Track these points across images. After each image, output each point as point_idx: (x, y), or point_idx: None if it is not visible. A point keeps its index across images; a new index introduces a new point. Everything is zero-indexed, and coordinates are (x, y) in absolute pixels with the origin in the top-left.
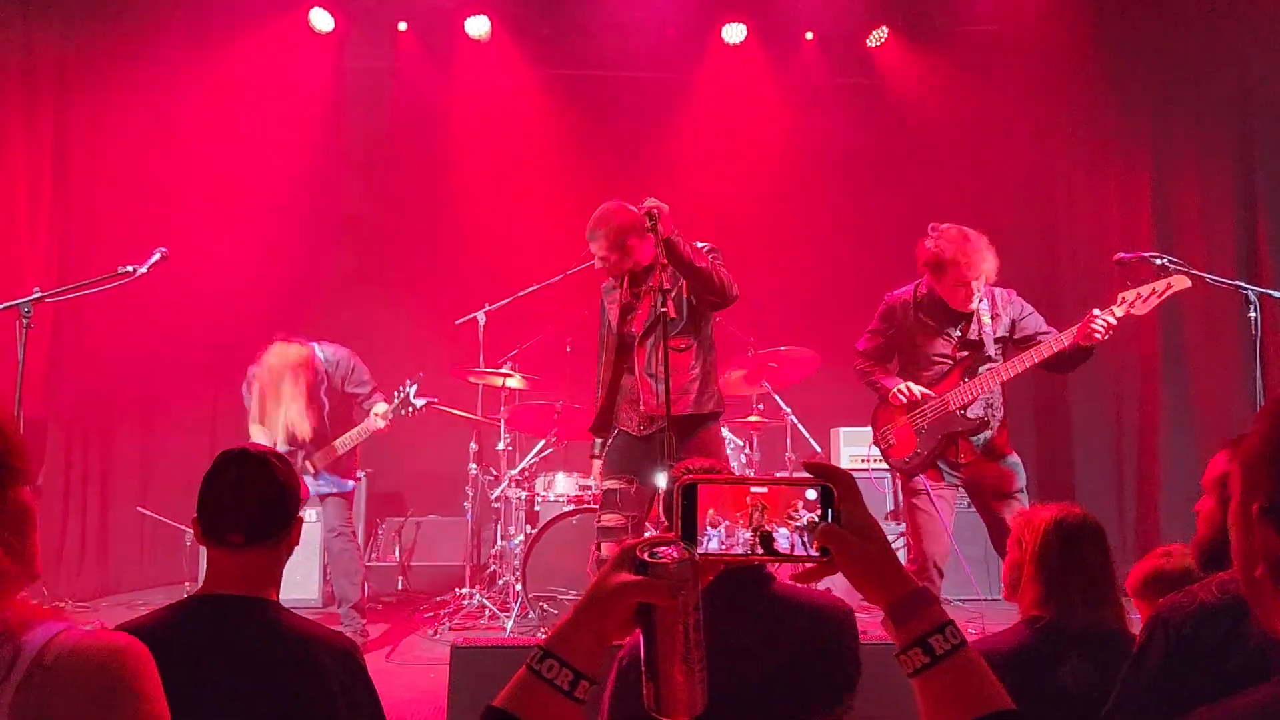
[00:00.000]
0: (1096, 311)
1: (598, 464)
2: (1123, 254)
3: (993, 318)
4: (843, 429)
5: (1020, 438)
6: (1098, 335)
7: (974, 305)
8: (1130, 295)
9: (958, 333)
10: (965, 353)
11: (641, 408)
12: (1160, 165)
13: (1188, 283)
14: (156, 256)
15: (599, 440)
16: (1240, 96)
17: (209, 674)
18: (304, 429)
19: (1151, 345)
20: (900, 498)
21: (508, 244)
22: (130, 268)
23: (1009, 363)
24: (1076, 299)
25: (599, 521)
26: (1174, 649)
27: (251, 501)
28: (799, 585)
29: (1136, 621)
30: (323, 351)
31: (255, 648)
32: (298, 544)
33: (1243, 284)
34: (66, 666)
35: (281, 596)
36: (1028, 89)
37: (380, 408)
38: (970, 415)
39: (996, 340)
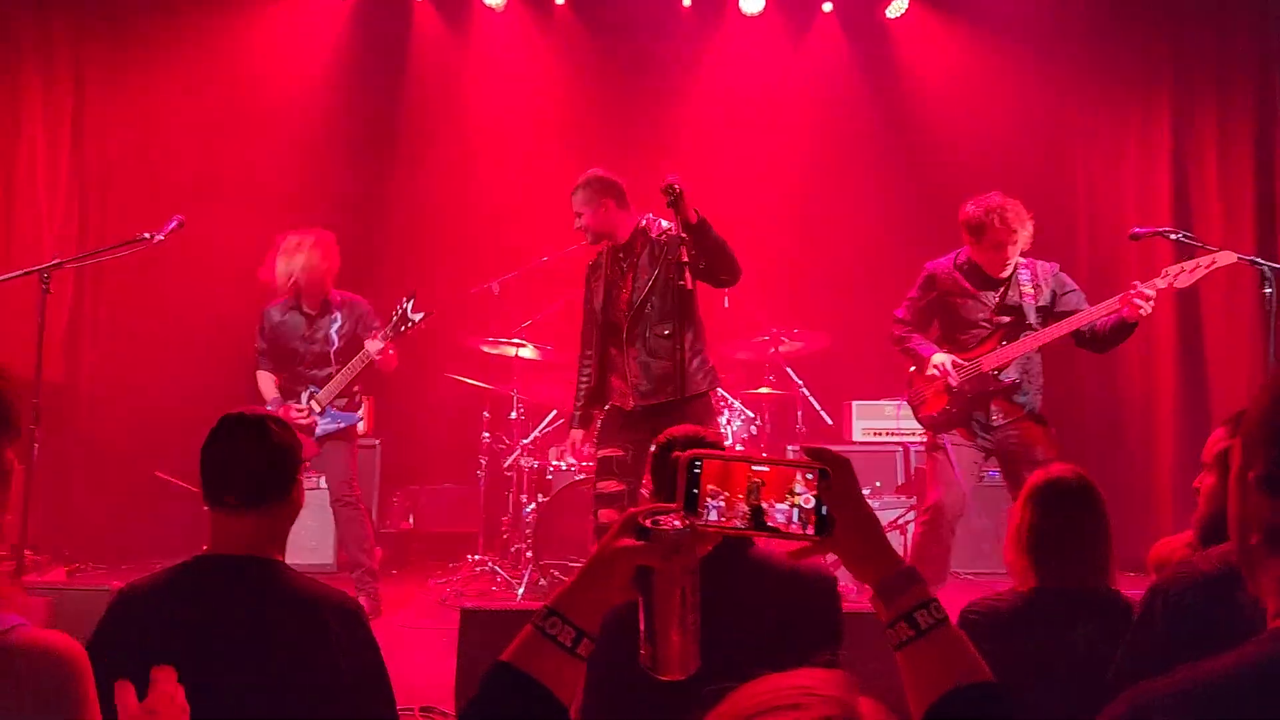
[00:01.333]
0: (1137, 283)
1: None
2: (1138, 229)
3: (1034, 288)
4: (856, 402)
5: None
6: (1140, 308)
7: (1007, 272)
8: (1174, 269)
9: (995, 298)
10: (1005, 318)
11: (631, 392)
12: (1180, 138)
13: (1233, 258)
14: (174, 224)
15: (577, 414)
16: (1260, 74)
17: (213, 632)
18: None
19: (1166, 320)
20: (913, 468)
21: (523, 213)
22: (147, 234)
23: (1046, 329)
24: (1093, 274)
25: (596, 489)
26: (1174, 619)
27: (246, 464)
28: (778, 552)
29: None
30: (340, 295)
31: (259, 606)
32: (302, 505)
33: (1258, 259)
34: (20, 662)
35: (296, 561)
36: (1048, 61)
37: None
38: (1004, 378)
39: (1038, 309)
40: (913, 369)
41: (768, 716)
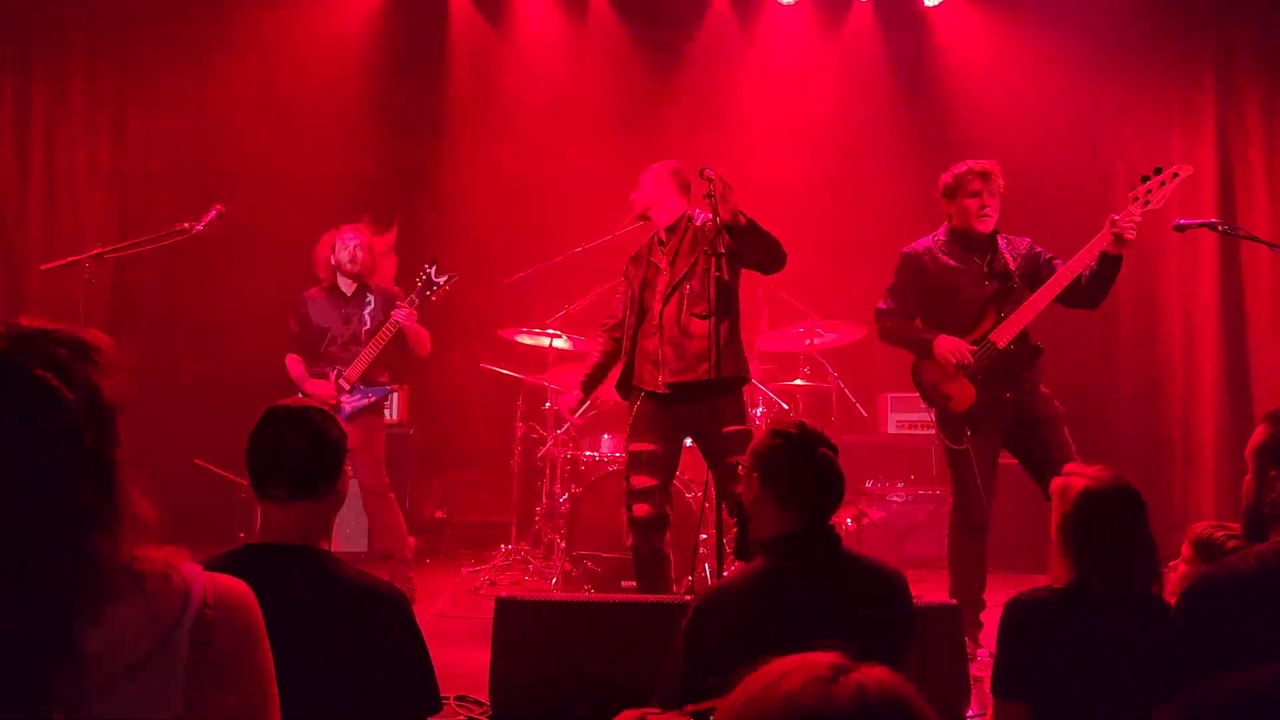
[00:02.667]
0: (1114, 218)
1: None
2: (1182, 220)
3: (1013, 256)
4: (891, 395)
5: (1067, 402)
6: (1128, 232)
7: (989, 226)
8: (1140, 191)
9: (983, 266)
10: (994, 285)
11: (660, 374)
12: (1224, 126)
13: (1191, 169)
14: (213, 214)
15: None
16: None
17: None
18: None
19: (1209, 312)
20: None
21: (557, 204)
22: (186, 225)
23: (1045, 288)
24: (1132, 265)
25: (628, 484)
26: (1210, 619)
27: (292, 455)
28: (864, 551)
29: None
30: (376, 283)
31: (304, 594)
32: (346, 495)
33: None
34: (226, 609)
35: (331, 549)
36: (1087, 47)
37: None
38: (1025, 348)
39: (1021, 276)
40: (916, 362)
41: (780, 670)
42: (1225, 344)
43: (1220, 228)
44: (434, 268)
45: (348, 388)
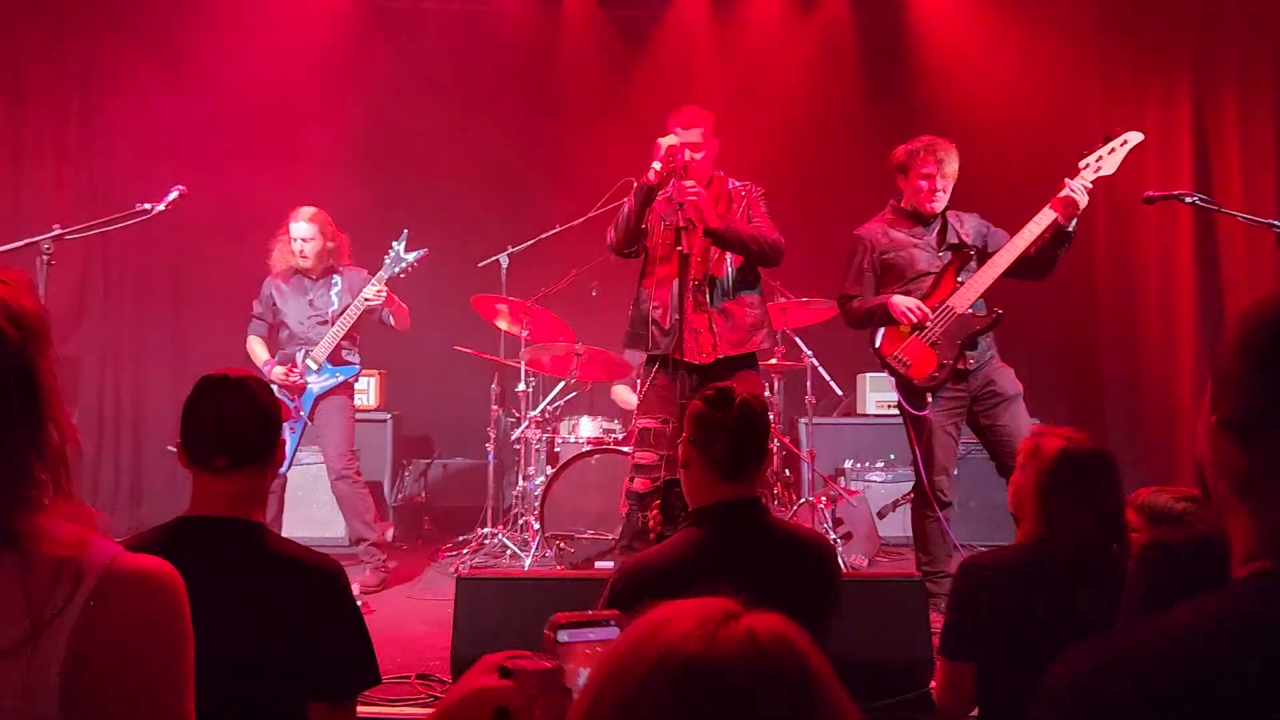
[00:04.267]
0: (1068, 180)
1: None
2: (1152, 192)
3: (964, 232)
4: (869, 375)
5: (1048, 386)
6: (1076, 197)
7: (939, 205)
8: (1092, 159)
9: (934, 240)
10: (948, 254)
11: (702, 345)
12: (1201, 104)
13: (1140, 136)
14: (174, 194)
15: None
16: None
17: (194, 593)
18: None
19: (1187, 289)
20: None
21: (531, 185)
22: (147, 205)
23: (999, 255)
24: (1111, 242)
25: (633, 459)
26: (1167, 580)
27: (234, 424)
28: (784, 520)
29: None
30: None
31: (240, 568)
32: (281, 465)
33: (1278, 223)
34: (129, 591)
35: (307, 535)
36: (1065, 26)
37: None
38: (981, 313)
39: (970, 247)
40: (874, 334)
41: (667, 614)
42: (1202, 316)
43: (1188, 199)
44: (403, 244)
45: (316, 368)
